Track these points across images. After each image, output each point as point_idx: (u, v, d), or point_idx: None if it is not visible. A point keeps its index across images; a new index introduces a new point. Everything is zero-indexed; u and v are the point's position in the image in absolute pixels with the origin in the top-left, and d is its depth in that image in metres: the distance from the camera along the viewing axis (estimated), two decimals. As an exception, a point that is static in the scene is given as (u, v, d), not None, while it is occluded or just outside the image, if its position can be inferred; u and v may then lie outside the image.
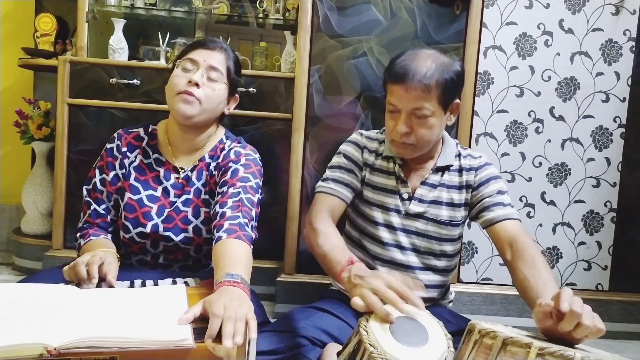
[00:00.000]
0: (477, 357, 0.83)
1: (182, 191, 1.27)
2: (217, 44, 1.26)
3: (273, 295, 1.96)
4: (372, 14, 1.90)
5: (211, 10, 2.21)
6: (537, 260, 1.11)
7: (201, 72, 1.21)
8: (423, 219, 1.32)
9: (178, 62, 1.25)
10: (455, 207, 1.33)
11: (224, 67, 1.25)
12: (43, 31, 2.23)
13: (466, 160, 1.35)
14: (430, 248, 1.33)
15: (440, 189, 1.32)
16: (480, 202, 1.31)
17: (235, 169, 1.24)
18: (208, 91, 1.21)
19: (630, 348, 1.90)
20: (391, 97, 1.22)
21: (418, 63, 1.18)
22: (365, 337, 0.84)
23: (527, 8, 1.95)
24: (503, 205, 1.28)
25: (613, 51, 1.97)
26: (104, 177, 1.28)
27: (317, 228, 1.21)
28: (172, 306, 0.90)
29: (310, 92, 1.92)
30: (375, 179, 1.34)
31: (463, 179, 1.33)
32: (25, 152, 2.43)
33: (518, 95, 1.98)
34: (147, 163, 1.29)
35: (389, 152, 1.33)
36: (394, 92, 1.21)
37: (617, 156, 2.01)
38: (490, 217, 1.27)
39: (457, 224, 1.35)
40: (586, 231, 2.03)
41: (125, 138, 1.30)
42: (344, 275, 1.03)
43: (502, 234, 1.23)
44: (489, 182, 1.32)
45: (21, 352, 0.72)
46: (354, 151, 1.36)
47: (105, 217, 1.28)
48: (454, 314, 1.35)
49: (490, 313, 1.98)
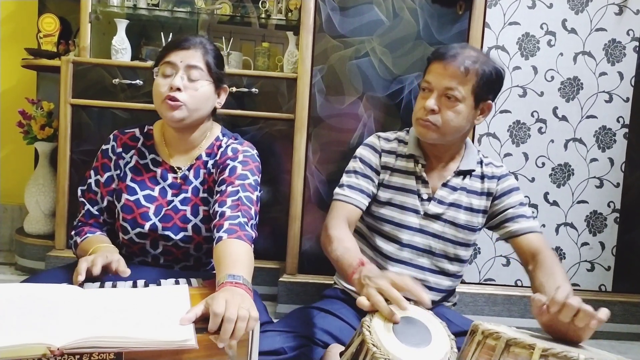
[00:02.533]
0: (480, 358, 0.83)
1: (180, 190, 1.27)
2: (192, 42, 1.22)
3: (275, 296, 1.96)
4: (374, 14, 1.90)
5: (214, 10, 2.21)
6: (555, 270, 1.17)
7: (181, 75, 1.18)
8: (441, 220, 1.32)
9: (156, 69, 1.23)
10: (473, 212, 1.33)
11: (203, 64, 1.21)
12: (46, 31, 2.24)
13: (488, 167, 1.35)
14: (445, 251, 1.33)
15: (461, 192, 1.32)
16: (503, 212, 1.32)
17: (233, 166, 1.23)
18: (192, 92, 1.19)
19: (633, 349, 1.90)
20: (428, 75, 1.24)
21: (464, 49, 1.23)
22: (368, 337, 0.84)
23: (530, 8, 1.94)
24: (526, 217, 1.30)
25: (616, 51, 1.96)
26: (98, 178, 1.27)
27: (331, 235, 1.21)
28: (175, 306, 0.90)
29: (312, 92, 1.92)
30: (395, 180, 1.33)
31: (485, 186, 1.34)
32: (28, 152, 2.44)
33: (521, 95, 1.98)
34: (144, 164, 1.28)
35: (412, 151, 1.32)
36: (433, 69, 1.23)
37: (621, 156, 2.00)
38: (515, 229, 1.29)
39: (474, 230, 1.35)
40: (589, 232, 2.02)
41: (121, 139, 1.29)
42: (355, 277, 1.03)
43: (526, 246, 1.27)
44: (512, 193, 1.33)
45: (24, 352, 0.72)
46: (371, 155, 1.35)
47: (99, 218, 1.28)
48: (457, 315, 1.35)
49: (492, 314, 1.98)
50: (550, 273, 1.15)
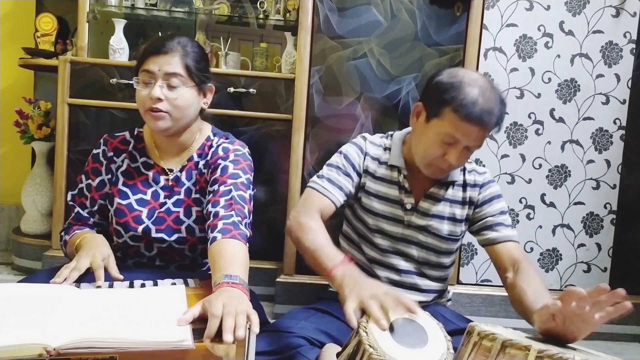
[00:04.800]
0: (476, 359, 0.83)
1: (172, 192, 1.26)
2: (170, 45, 1.16)
3: (272, 296, 1.96)
4: (372, 15, 1.90)
5: (212, 10, 2.21)
6: (536, 279, 1.17)
7: (159, 84, 1.15)
8: (425, 231, 1.32)
9: (136, 78, 1.19)
10: (456, 222, 1.33)
11: (183, 69, 1.17)
12: (43, 31, 2.23)
13: (471, 175, 1.34)
14: (428, 259, 1.34)
15: (444, 203, 1.32)
16: (482, 220, 1.32)
17: (224, 165, 1.23)
18: (173, 101, 1.16)
19: (628, 350, 1.91)
20: (456, 132, 1.15)
21: (489, 104, 1.14)
22: (365, 338, 0.84)
23: (528, 10, 1.95)
24: (505, 225, 1.30)
25: (613, 53, 1.97)
26: (90, 182, 1.27)
27: (306, 223, 1.19)
28: (172, 307, 0.90)
29: (310, 92, 1.93)
30: (377, 188, 1.32)
31: (467, 195, 1.33)
32: (25, 151, 2.44)
33: (518, 96, 1.98)
34: (135, 167, 1.28)
35: (395, 162, 1.31)
36: (464, 129, 1.14)
37: (617, 158, 2.01)
38: (493, 236, 1.29)
39: (457, 239, 1.35)
40: (586, 233, 2.03)
41: (112, 143, 1.28)
42: (336, 272, 1.03)
43: (504, 255, 1.27)
44: (493, 201, 1.33)
45: (20, 353, 0.72)
46: (356, 155, 1.33)
47: (88, 220, 1.27)
48: (453, 314, 1.35)
49: (489, 314, 1.98)
50: (530, 281, 1.15)
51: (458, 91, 1.14)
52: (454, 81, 1.16)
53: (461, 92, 1.14)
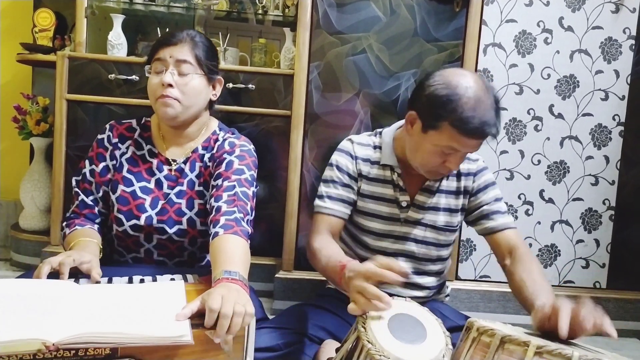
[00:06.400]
0: (475, 354, 0.84)
1: (176, 183, 1.27)
2: (180, 36, 1.22)
3: (271, 292, 1.96)
4: (371, 10, 1.90)
5: (210, 6, 2.20)
6: (533, 267, 1.18)
7: (170, 71, 1.19)
8: (421, 225, 1.32)
9: (148, 67, 1.23)
10: (452, 212, 1.33)
11: (193, 57, 1.21)
12: (42, 26, 2.23)
13: (464, 164, 1.33)
14: (428, 254, 1.33)
15: (439, 195, 1.32)
16: (479, 209, 1.32)
17: (229, 160, 1.23)
18: (183, 87, 1.19)
19: (627, 345, 1.91)
20: (456, 145, 1.14)
21: (487, 114, 1.12)
22: (364, 334, 0.84)
23: (527, 5, 1.94)
24: (501, 213, 1.31)
25: (613, 49, 1.97)
26: (94, 168, 1.27)
27: (315, 248, 1.21)
28: (171, 302, 0.90)
29: (309, 88, 1.92)
30: (372, 189, 1.31)
31: (461, 184, 1.33)
32: (23, 147, 2.43)
33: (517, 92, 1.98)
34: (140, 155, 1.28)
35: (388, 161, 1.30)
36: (463, 142, 1.13)
37: (616, 154, 2.01)
38: (491, 225, 1.29)
39: (454, 230, 1.35)
40: (584, 229, 2.03)
41: (117, 129, 1.29)
42: (342, 282, 1.03)
43: (502, 243, 1.28)
44: (487, 189, 1.33)
45: (19, 348, 0.72)
46: (347, 162, 1.31)
47: (93, 209, 1.27)
48: (452, 310, 1.36)
49: (488, 310, 1.99)
50: (529, 270, 1.17)
51: (455, 104, 1.10)
52: (449, 93, 1.11)
53: (458, 105, 1.09)
